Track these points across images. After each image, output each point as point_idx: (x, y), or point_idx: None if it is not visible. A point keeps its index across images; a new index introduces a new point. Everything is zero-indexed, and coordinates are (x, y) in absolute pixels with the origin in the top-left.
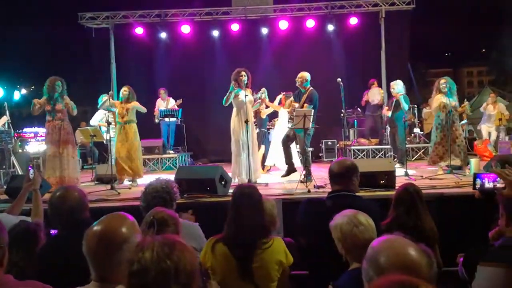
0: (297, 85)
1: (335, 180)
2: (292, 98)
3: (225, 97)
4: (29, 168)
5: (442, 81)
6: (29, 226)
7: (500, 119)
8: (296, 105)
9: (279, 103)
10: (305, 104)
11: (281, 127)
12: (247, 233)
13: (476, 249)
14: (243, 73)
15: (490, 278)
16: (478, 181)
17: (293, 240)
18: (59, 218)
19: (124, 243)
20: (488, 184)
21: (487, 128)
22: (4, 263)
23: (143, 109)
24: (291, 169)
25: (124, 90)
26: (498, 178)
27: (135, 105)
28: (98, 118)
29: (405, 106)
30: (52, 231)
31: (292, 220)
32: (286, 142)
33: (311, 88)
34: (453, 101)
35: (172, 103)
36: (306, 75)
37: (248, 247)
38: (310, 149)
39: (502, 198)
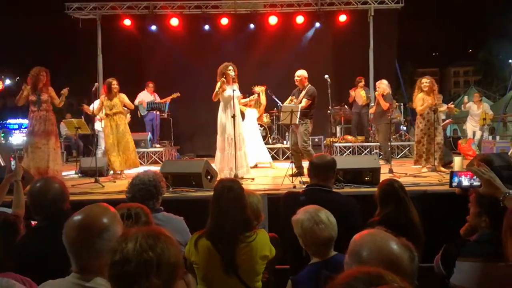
0: (296, 83)
1: (316, 173)
2: (291, 97)
3: (214, 93)
4: (11, 159)
5: (424, 79)
6: (8, 217)
7: (484, 119)
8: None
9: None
10: (304, 100)
11: (247, 127)
12: (229, 227)
13: (454, 244)
14: (231, 67)
15: (468, 273)
16: (455, 179)
17: (278, 234)
18: (41, 209)
19: (105, 231)
20: (465, 182)
21: (471, 128)
22: None
23: (131, 105)
24: (300, 172)
25: (115, 84)
26: (475, 176)
27: (126, 99)
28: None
29: (385, 104)
30: (33, 222)
31: (277, 215)
32: (295, 146)
33: (309, 84)
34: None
35: (157, 98)
36: (304, 73)
37: (231, 241)
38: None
39: (476, 195)
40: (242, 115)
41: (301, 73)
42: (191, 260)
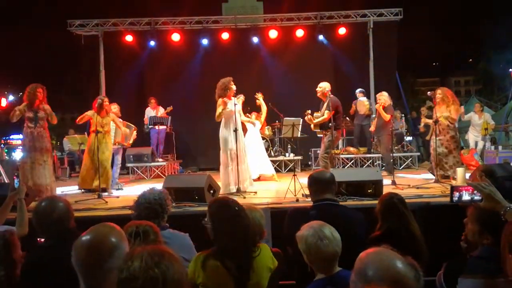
0: (318, 95)
1: (319, 188)
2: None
3: (217, 114)
4: (14, 177)
5: (438, 91)
6: (3, 234)
7: (486, 129)
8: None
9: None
10: (326, 112)
11: (250, 139)
12: (237, 245)
13: (456, 261)
14: (232, 83)
15: None
16: (456, 194)
17: (281, 249)
18: (46, 228)
19: (115, 250)
20: (465, 197)
21: (473, 137)
22: None
23: (120, 127)
24: None
25: (107, 102)
26: (475, 191)
27: (117, 121)
28: None
29: (385, 116)
30: (41, 240)
31: (281, 229)
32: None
33: (331, 96)
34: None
35: (162, 112)
36: (327, 85)
37: (243, 259)
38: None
39: (475, 212)
40: (244, 126)
41: (323, 85)
42: (198, 282)
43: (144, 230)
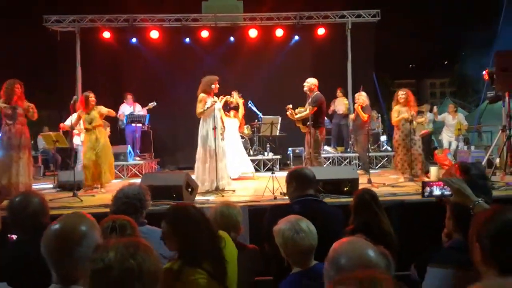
0: (305, 90)
1: (307, 185)
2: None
3: (200, 111)
4: None
5: (400, 92)
6: None
7: (459, 129)
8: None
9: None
10: (309, 107)
11: (229, 138)
12: (208, 244)
13: (428, 251)
14: (217, 82)
15: (439, 279)
16: (427, 189)
17: (259, 246)
18: (21, 224)
19: (84, 239)
20: (436, 192)
21: (447, 138)
22: None
23: (112, 112)
24: None
25: (92, 97)
26: (446, 186)
27: (104, 109)
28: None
29: (363, 115)
30: (13, 237)
31: (258, 227)
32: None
33: (317, 92)
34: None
35: (138, 109)
36: (314, 81)
37: (217, 255)
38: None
39: (449, 204)
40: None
41: (311, 81)
42: None
43: (120, 224)
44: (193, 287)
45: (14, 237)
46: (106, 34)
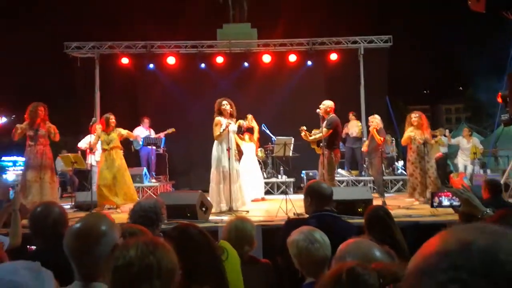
0: (320, 113)
1: (324, 201)
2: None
3: (217, 134)
4: (10, 189)
5: (413, 114)
6: None
7: (474, 153)
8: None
9: (242, 133)
10: (324, 130)
11: (246, 162)
12: (212, 261)
13: None
14: (225, 102)
15: None
16: (436, 199)
17: (274, 261)
18: (42, 232)
19: (103, 237)
20: (445, 202)
21: (463, 162)
22: None
23: (132, 135)
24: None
25: (113, 118)
26: (454, 196)
27: (123, 131)
28: (87, 141)
29: (378, 138)
30: (30, 248)
31: (271, 245)
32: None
33: (333, 114)
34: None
35: (153, 134)
36: (330, 103)
37: (221, 272)
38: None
39: (459, 214)
40: (240, 150)
41: (327, 103)
42: None
43: (131, 232)
44: None
45: (31, 247)
46: (124, 60)
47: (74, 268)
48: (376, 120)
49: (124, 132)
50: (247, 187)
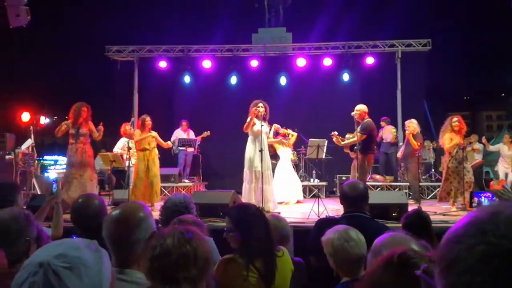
0: (355, 117)
1: (357, 201)
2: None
3: (246, 124)
4: (53, 182)
5: (454, 118)
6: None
7: None
8: (350, 135)
9: (276, 135)
10: (358, 134)
11: (282, 167)
12: (264, 244)
13: None
14: (260, 104)
15: None
16: (475, 200)
17: (306, 261)
18: (83, 222)
19: (142, 222)
20: (485, 203)
21: (503, 169)
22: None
23: (163, 143)
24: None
25: (149, 120)
26: (494, 197)
27: (159, 138)
28: (120, 146)
29: (415, 143)
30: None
31: (302, 245)
32: None
33: (367, 119)
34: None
35: (192, 136)
36: (363, 107)
37: (270, 257)
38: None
39: None
40: (275, 153)
41: (361, 107)
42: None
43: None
44: (243, 282)
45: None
46: (162, 64)
47: (111, 253)
48: (412, 125)
49: (159, 139)
50: (282, 191)
